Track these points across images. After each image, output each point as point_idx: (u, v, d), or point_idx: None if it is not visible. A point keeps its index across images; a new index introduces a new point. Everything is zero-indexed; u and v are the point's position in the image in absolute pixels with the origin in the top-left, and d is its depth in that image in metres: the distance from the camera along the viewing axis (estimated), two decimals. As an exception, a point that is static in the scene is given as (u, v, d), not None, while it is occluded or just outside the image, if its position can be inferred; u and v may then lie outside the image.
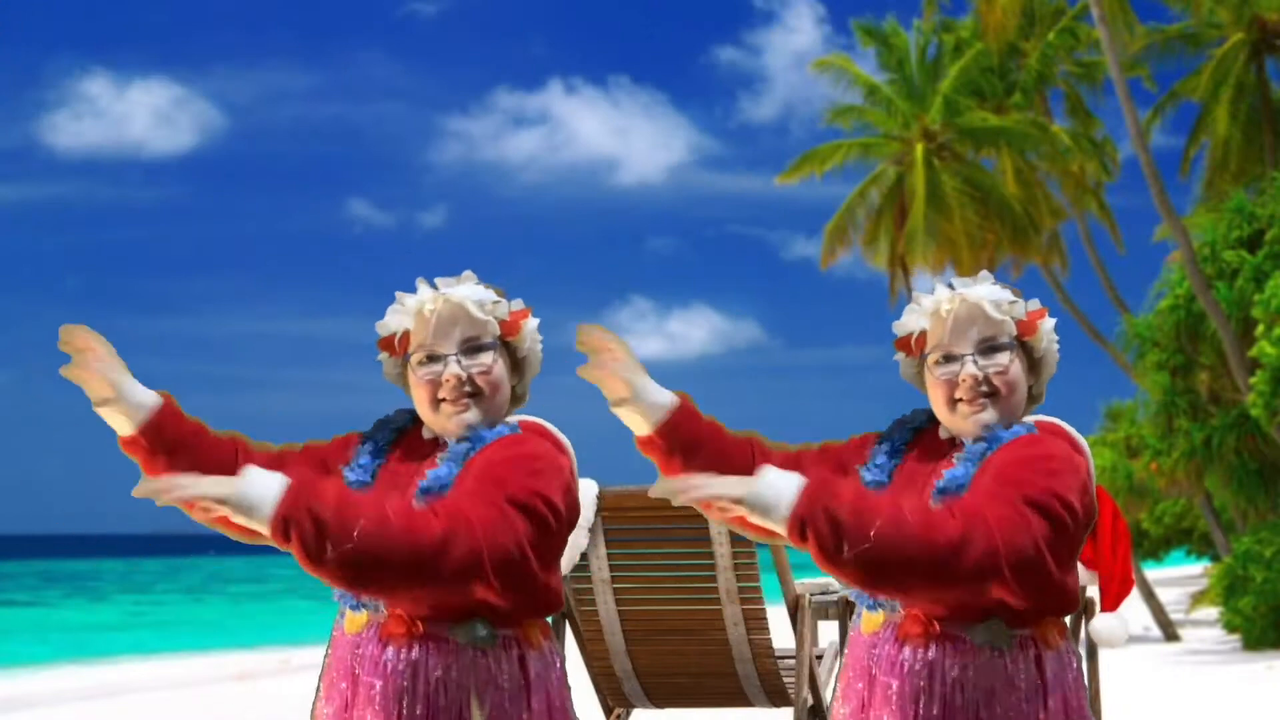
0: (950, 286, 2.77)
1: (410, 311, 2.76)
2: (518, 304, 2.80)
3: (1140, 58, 25.18)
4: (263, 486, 2.34)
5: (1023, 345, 2.74)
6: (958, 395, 2.68)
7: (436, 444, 2.75)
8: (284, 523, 2.32)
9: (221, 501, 2.33)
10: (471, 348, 2.71)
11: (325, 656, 2.72)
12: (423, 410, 2.75)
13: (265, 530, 2.34)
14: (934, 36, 27.28)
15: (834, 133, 27.07)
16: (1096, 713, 4.34)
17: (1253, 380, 17.05)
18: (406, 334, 2.75)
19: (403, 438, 2.81)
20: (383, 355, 2.80)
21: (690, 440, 2.77)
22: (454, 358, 2.70)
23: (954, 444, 2.73)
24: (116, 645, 28.23)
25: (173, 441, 2.70)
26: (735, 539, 5.12)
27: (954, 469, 2.63)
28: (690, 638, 5.32)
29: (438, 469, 2.64)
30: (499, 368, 2.74)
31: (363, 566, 2.35)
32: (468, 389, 2.70)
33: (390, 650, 2.57)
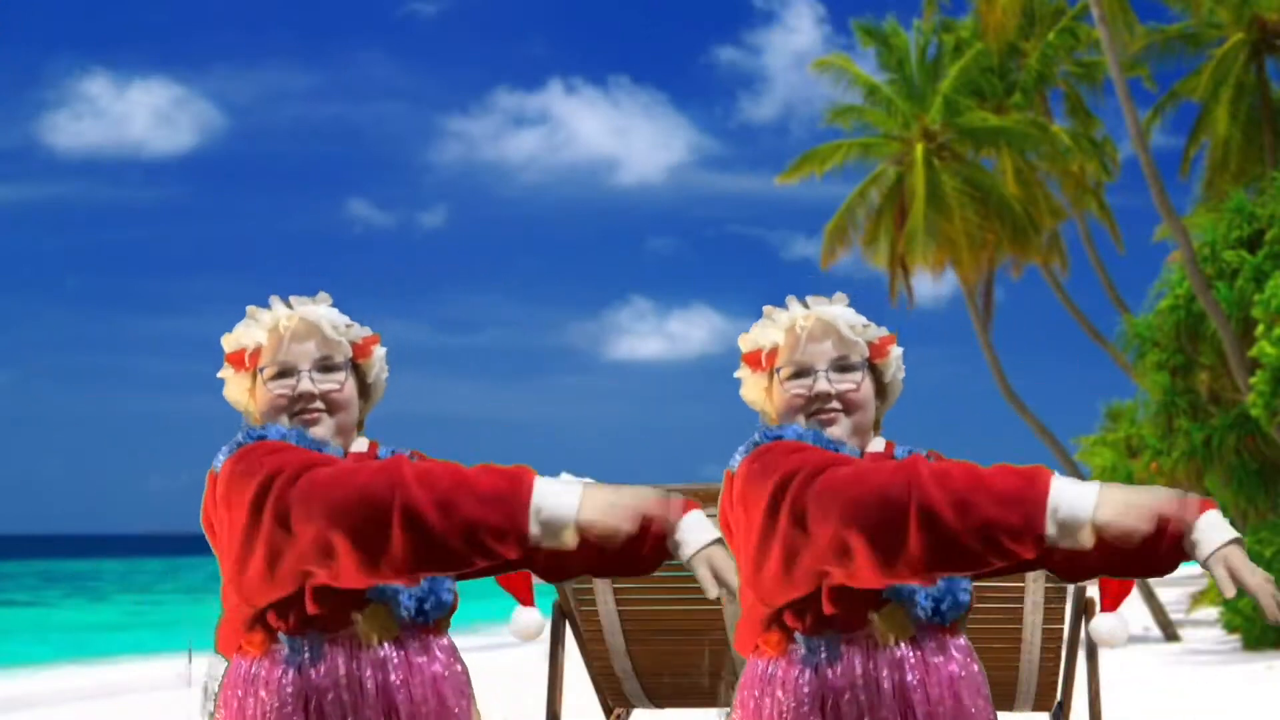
0: (805, 305, 2.81)
1: (264, 326, 2.78)
2: (366, 331, 2.82)
3: (1140, 58, 25.17)
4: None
5: (873, 369, 2.78)
6: (809, 410, 2.73)
7: None
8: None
9: None
10: (325, 366, 2.74)
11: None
12: (267, 424, 2.74)
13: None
14: (934, 36, 27.26)
15: (834, 133, 27.06)
16: (1096, 713, 4.34)
17: (1253, 380, 17.05)
18: (258, 349, 2.76)
19: None
20: (226, 372, 2.81)
21: None
22: (307, 374, 2.72)
23: None
24: (116, 645, 28.24)
25: None
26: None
27: None
28: (690, 638, 5.31)
29: None
30: (350, 387, 2.76)
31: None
32: (319, 405, 2.71)
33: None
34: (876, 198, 26.72)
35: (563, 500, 2.47)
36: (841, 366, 2.74)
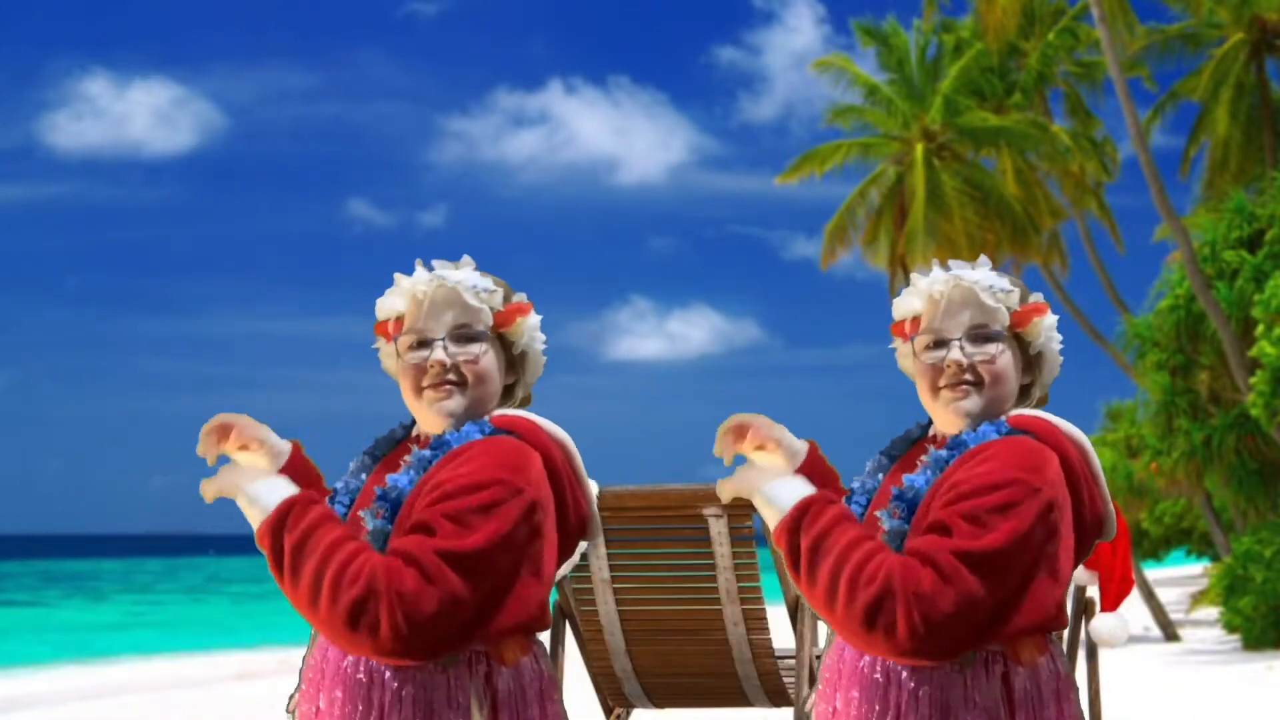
0: (947, 269, 2.67)
1: (405, 294, 2.65)
2: (520, 297, 2.70)
3: (1140, 58, 25.18)
4: (268, 496, 2.50)
5: (1017, 339, 2.64)
6: (941, 382, 2.60)
7: (416, 442, 2.68)
8: (269, 535, 2.48)
9: (241, 496, 2.51)
10: (462, 335, 2.61)
11: (307, 653, 2.64)
12: (408, 398, 2.65)
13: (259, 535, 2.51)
14: (934, 36, 27.28)
15: (834, 133, 27.09)
16: (1096, 713, 4.33)
17: (1253, 380, 17.05)
18: (400, 318, 2.65)
19: (397, 448, 2.73)
20: (379, 343, 2.71)
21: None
22: (441, 343, 2.60)
23: (935, 441, 2.66)
24: (116, 645, 28.26)
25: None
26: (735, 539, 5.12)
27: (915, 475, 2.55)
28: (690, 638, 5.31)
29: (398, 474, 2.55)
30: (488, 359, 2.62)
31: (298, 606, 2.45)
32: (452, 376, 2.59)
33: (349, 658, 2.50)
34: (876, 198, 26.73)
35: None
36: (979, 336, 2.60)
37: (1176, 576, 43.09)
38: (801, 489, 2.52)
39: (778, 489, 2.53)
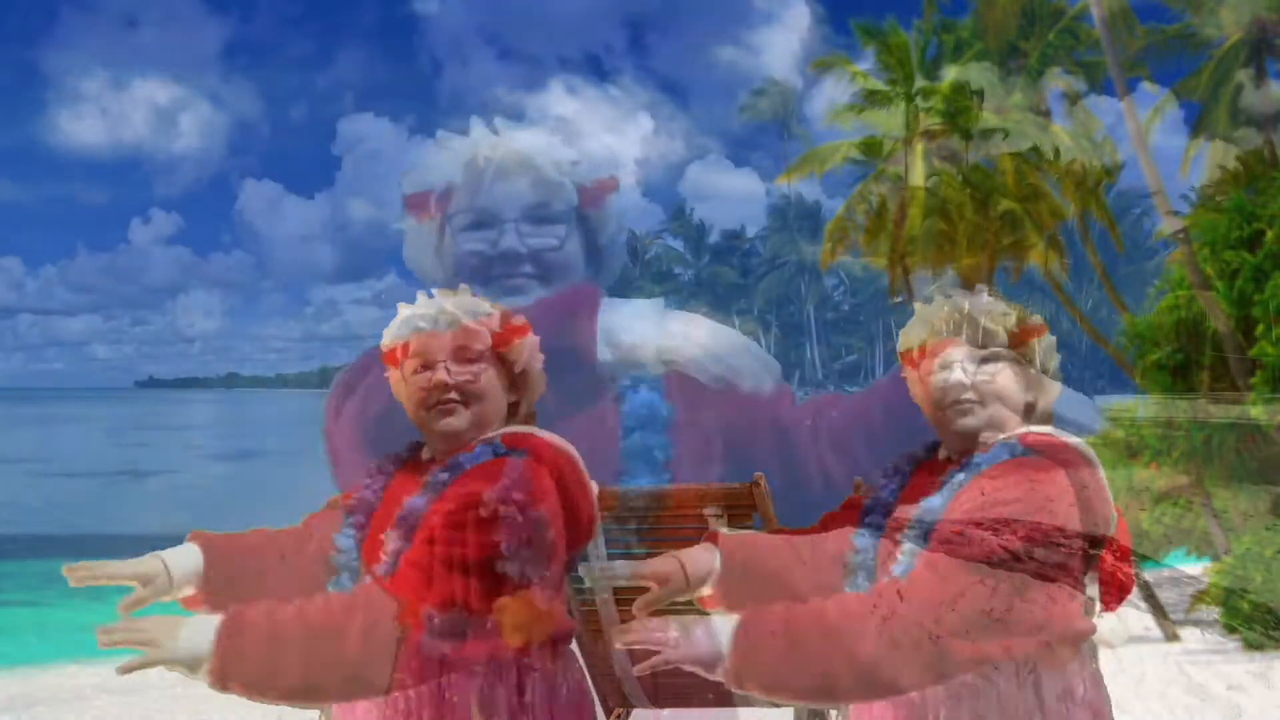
0: (946, 296, 2.81)
1: (406, 320, 2.83)
2: (519, 319, 2.87)
3: (1140, 58, 25.16)
4: (192, 646, 2.63)
5: (1018, 358, 2.76)
6: (946, 400, 2.72)
7: (431, 464, 2.80)
8: (221, 682, 2.54)
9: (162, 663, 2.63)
10: (462, 356, 2.77)
11: None
12: (414, 418, 2.80)
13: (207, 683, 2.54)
14: (934, 36, 27.27)
15: (834, 133, 27.08)
16: (1096, 713, 4.33)
17: (1253, 380, 17.05)
18: (405, 344, 2.81)
19: (409, 460, 2.86)
20: (388, 370, 2.85)
21: (743, 584, 2.82)
22: (443, 364, 2.76)
23: (950, 461, 2.75)
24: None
25: (226, 579, 2.78)
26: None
27: (931, 499, 2.65)
28: (690, 638, 5.31)
29: (415, 498, 2.69)
30: (487, 377, 2.78)
31: (301, 695, 2.54)
32: (454, 395, 2.75)
33: None
34: (876, 198, 26.71)
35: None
36: (979, 358, 2.73)
37: (1176, 576, 43.09)
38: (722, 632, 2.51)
39: (702, 645, 2.51)
